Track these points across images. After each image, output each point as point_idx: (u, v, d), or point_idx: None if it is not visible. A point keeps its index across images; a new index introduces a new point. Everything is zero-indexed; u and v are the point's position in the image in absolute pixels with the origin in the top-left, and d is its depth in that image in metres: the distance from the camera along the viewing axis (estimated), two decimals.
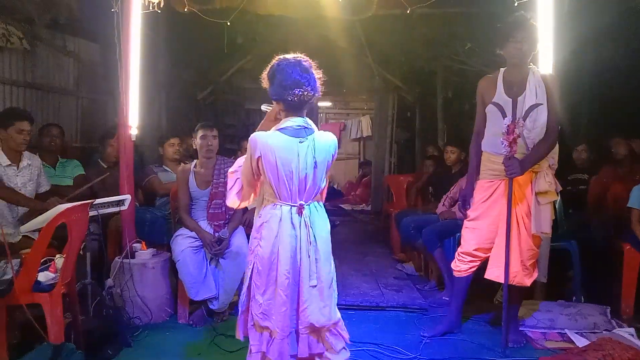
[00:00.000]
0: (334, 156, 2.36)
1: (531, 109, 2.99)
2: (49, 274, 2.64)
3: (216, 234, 3.63)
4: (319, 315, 2.26)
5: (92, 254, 3.26)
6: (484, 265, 3.31)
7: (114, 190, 3.85)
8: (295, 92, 2.15)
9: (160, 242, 3.98)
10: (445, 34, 6.03)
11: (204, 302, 3.64)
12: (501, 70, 3.21)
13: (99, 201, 3.21)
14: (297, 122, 2.23)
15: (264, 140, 2.16)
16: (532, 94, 3.06)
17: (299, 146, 2.21)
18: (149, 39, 4.19)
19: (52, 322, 2.51)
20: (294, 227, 2.24)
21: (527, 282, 3.16)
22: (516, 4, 3.60)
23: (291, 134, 2.22)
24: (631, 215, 3.75)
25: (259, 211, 2.32)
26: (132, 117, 3.78)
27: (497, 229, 3.17)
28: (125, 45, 3.71)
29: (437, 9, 4.89)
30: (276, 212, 2.23)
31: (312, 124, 2.31)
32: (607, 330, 3.43)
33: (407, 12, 4.18)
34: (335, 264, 2.41)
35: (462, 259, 3.33)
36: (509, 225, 3.02)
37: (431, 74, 7.37)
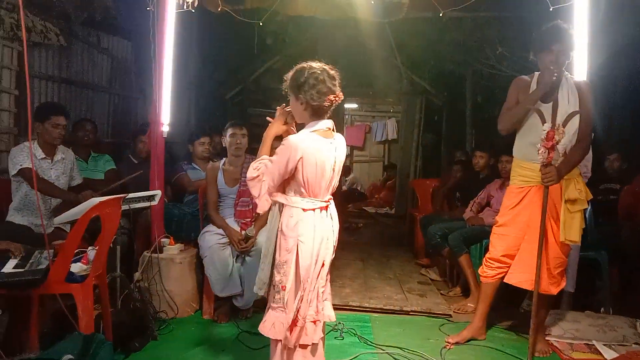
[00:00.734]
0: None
1: (571, 116, 2.95)
2: (82, 265, 2.69)
3: (243, 232, 3.67)
4: (327, 295, 2.49)
5: (122, 247, 3.33)
6: None
7: (143, 185, 3.92)
8: (330, 99, 2.29)
9: (187, 238, 4.04)
10: (476, 38, 5.96)
11: (228, 299, 3.69)
12: (535, 74, 3.18)
13: (131, 196, 3.27)
14: (327, 124, 2.36)
15: (305, 143, 2.26)
16: (564, 101, 3.02)
17: (329, 147, 2.34)
18: (182, 39, 4.25)
19: (83, 312, 2.55)
20: (324, 221, 2.37)
21: (554, 290, 3.12)
22: (551, 9, 3.54)
23: (323, 135, 2.33)
24: None
25: (288, 210, 2.34)
26: (164, 115, 3.85)
27: (525, 235, 3.14)
28: (159, 43, 3.77)
29: (469, 12, 4.85)
30: (309, 214, 2.32)
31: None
32: (636, 343, 3.35)
33: (440, 15, 4.15)
34: (358, 266, 2.45)
35: (490, 264, 3.31)
36: (542, 233, 2.97)
37: (460, 78, 7.31)
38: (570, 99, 3.03)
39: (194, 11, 3.94)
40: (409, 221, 6.76)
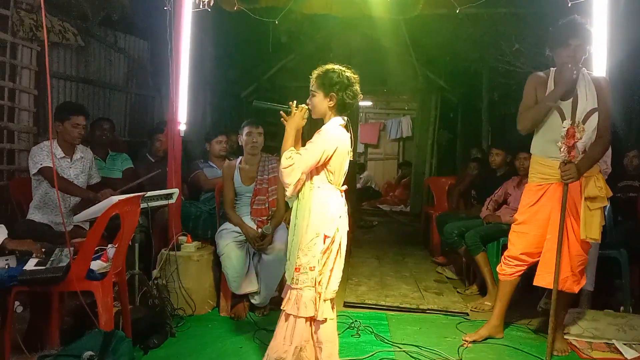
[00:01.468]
0: None
1: (590, 113, 2.91)
2: (102, 262, 2.72)
3: (259, 230, 3.68)
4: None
5: (140, 245, 3.36)
6: (528, 271, 3.25)
7: (161, 184, 3.95)
8: (358, 99, 2.62)
9: (204, 236, 4.07)
10: (492, 35, 5.90)
11: (245, 296, 3.71)
12: (551, 70, 3.14)
13: (149, 194, 3.30)
14: (345, 119, 2.64)
15: (339, 135, 2.55)
16: (583, 97, 2.99)
17: (348, 140, 2.62)
18: (198, 38, 4.27)
19: (103, 309, 2.58)
20: (344, 207, 2.63)
21: (576, 288, 3.09)
22: (569, 5, 3.50)
23: (344, 129, 2.61)
24: None
25: (318, 193, 2.54)
26: (181, 113, 3.87)
27: (545, 233, 3.11)
28: (176, 43, 3.80)
29: (485, 9, 4.81)
30: (335, 194, 2.59)
31: None
32: None
33: (456, 12, 4.11)
34: (374, 264, 2.50)
35: (509, 262, 3.28)
36: (561, 231, 2.94)
37: (476, 74, 7.25)
38: (587, 95, 2.99)
39: (209, 10, 3.96)
40: (425, 219, 6.73)
